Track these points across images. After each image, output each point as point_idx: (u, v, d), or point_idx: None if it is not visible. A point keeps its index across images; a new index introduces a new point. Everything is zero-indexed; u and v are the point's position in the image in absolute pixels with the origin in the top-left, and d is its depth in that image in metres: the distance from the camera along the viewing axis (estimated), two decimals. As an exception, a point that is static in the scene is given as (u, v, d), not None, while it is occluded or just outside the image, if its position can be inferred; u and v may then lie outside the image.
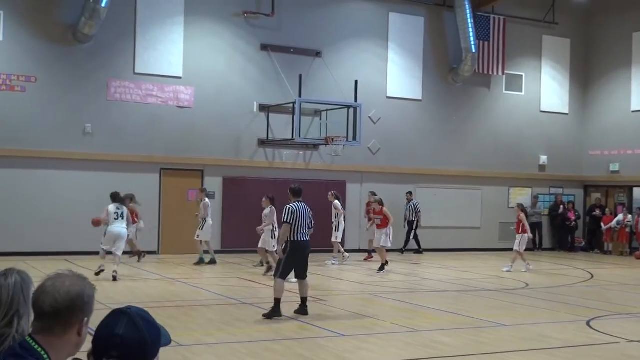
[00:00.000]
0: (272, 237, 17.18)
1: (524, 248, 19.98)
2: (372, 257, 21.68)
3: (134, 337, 2.63)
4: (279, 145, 23.32)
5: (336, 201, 20.57)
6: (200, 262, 19.34)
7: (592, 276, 19.34)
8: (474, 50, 25.68)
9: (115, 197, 16.50)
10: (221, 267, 19.09)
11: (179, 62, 22.18)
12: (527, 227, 20.01)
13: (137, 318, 2.67)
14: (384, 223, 18.95)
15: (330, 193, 20.87)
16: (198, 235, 19.37)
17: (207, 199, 19.60)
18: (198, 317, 11.61)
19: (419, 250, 24.54)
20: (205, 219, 19.31)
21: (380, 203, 19.17)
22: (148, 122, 21.70)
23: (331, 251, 20.90)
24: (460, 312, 12.66)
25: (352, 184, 24.44)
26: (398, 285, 16.27)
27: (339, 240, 20.76)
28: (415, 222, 24.34)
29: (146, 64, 21.74)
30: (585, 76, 28.84)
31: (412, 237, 24.47)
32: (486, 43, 26.44)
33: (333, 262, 20.34)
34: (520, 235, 19.80)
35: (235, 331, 10.55)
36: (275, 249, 17.10)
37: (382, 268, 18.49)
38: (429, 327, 11.16)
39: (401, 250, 24.10)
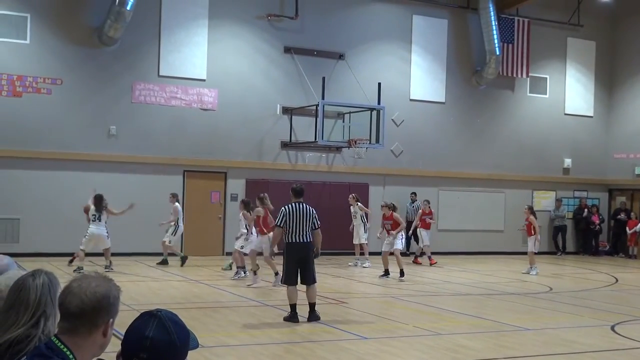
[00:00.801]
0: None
1: (537, 250, 19.91)
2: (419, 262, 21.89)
3: (164, 340, 2.66)
4: (302, 148, 23.36)
5: (359, 203, 20.61)
6: (164, 262, 19.14)
7: (617, 280, 19.19)
8: (498, 53, 25.57)
9: (99, 201, 17.54)
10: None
11: (203, 64, 22.30)
12: (537, 228, 19.88)
13: (167, 321, 2.70)
14: (394, 228, 18.06)
15: (351, 196, 20.89)
16: (170, 241, 19.27)
17: (177, 204, 19.45)
18: (220, 319, 11.65)
19: (407, 253, 24.03)
20: (177, 223, 19.27)
21: (391, 208, 18.31)
22: (172, 124, 21.83)
23: (353, 254, 20.94)
24: (483, 315, 12.61)
25: (375, 186, 24.42)
26: (420, 288, 16.22)
27: (367, 242, 20.76)
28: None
29: (170, 67, 21.89)
30: (611, 79, 28.62)
31: (411, 237, 23.96)
32: (510, 45, 26.31)
33: (367, 264, 20.28)
34: (533, 237, 19.67)
35: (257, 333, 10.58)
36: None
37: (387, 273, 17.86)
38: (451, 331, 11.12)
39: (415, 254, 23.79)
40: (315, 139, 21.88)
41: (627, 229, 26.69)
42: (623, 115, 28.18)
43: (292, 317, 11.38)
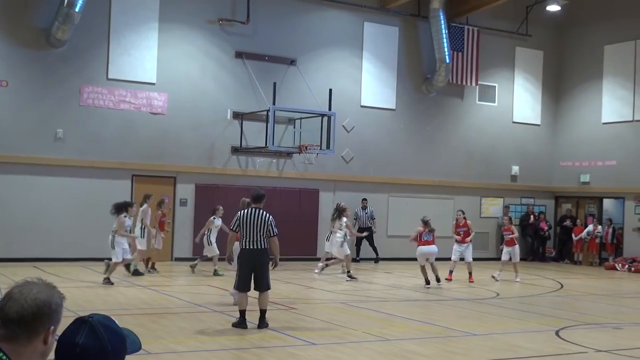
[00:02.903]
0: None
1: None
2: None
3: (94, 346, 2.60)
4: (252, 153, 23.29)
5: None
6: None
7: (562, 286, 19.52)
8: (447, 61, 25.85)
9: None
10: (192, 275, 18.98)
11: (153, 68, 22.08)
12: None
13: (98, 326, 2.64)
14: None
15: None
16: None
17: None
18: (168, 325, 11.53)
19: (376, 259, 24.47)
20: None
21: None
22: (121, 128, 21.56)
23: (303, 260, 20.94)
24: (431, 321, 12.70)
25: (325, 192, 24.45)
26: (370, 294, 16.28)
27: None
28: (372, 229, 24.20)
29: (120, 70, 21.62)
30: (557, 88, 29.16)
31: (368, 243, 24.39)
32: (460, 54, 26.62)
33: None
34: (516, 246, 20.17)
35: (205, 339, 10.50)
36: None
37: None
38: (400, 336, 11.18)
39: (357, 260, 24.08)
40: (266, 144, 21.84)
41: (573, 235, 27.16)
42: (569, 124, 28.72)
43: (241, 323, 11.31)
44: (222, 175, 22.94)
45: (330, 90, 22.23)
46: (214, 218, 18.72)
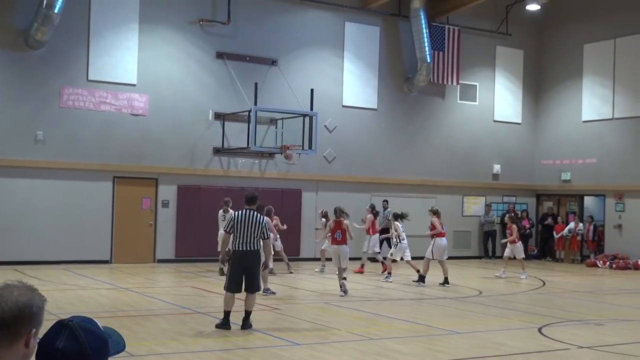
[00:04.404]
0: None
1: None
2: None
3: (75, 351, 2.57)
4: (234, 154, 23.23)
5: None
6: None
7: (544, 283, 19.62)
8: (428, 60, 25.92)
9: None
10: (175, 276, 18.92)
11: (134, 69, 21.96)
12: (518, 236, 21.34)
13: (78, 330, 2.61)
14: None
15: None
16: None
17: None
18: (151, 327, 11.48)
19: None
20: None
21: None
22: (101, 129, 21.43)
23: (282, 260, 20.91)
24: (415, 320, 12.73)
25: (308, 192, 24.44)
26: (354, 294, 16.27)
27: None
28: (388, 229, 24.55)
29: (100, 71, 21.49)
30: (538, 87, 29.32)
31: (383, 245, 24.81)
32: (441, 53, 26.70)
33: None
34: (518, 244, 20.98)
35: (189, 341, 10.46)
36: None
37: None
38: (383, 336, 11.20)
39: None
40: (248, 144, 21.79)
41: (555, 233, 27.32)
42: (550, 122, 28.89)
43: (224, 324, 11.28)
44: (204, 176, 22.87)
45: (312, 91, 22.21)
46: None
